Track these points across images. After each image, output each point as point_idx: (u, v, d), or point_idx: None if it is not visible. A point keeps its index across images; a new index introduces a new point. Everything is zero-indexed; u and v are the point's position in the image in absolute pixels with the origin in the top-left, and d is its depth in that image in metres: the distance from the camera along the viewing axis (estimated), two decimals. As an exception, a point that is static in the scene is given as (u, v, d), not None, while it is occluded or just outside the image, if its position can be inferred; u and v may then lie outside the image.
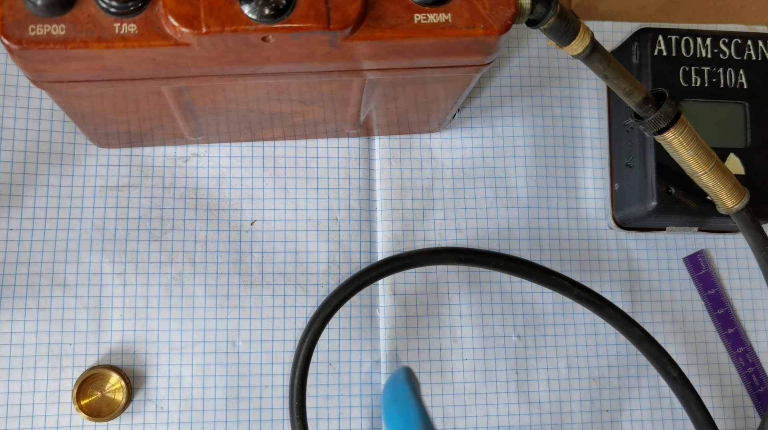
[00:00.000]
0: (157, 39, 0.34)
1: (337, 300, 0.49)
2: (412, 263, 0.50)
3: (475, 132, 0.55)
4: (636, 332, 0.50)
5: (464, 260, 0.50)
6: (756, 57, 0.51)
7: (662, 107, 0.42)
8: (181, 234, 0.51)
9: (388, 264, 0.50)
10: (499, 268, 0.51)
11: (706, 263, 0.54)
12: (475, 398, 0.51)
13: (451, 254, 0.50)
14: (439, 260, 0.50)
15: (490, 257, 0.50)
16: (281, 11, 0.34)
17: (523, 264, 0.50)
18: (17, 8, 0.34)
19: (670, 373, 0.49)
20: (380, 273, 0.50)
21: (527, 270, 0.50)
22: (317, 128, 0.51)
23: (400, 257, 0.50)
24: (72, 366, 0.48)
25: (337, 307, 0.49)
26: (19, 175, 0.50)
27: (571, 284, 0.50)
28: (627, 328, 0.50)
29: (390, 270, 0.50)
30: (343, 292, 0.49)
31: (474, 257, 0.50)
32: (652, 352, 0.49)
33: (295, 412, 0.47)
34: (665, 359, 0.49)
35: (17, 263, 0.49)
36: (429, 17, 0.36)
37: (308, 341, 0.48)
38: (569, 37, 0.39)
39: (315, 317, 0.48)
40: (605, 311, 0.50)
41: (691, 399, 0.49)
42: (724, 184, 0.45)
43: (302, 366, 0.48)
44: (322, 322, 0.48)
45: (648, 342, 0.50)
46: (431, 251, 0.50)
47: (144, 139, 0.50)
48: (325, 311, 0.48)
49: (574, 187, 0.55)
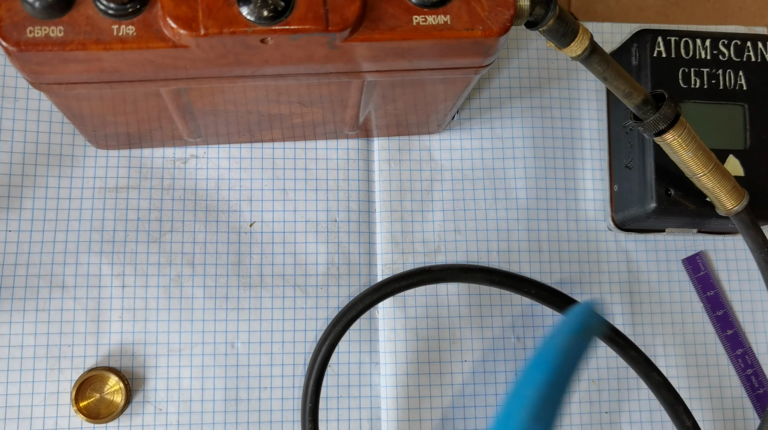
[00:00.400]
0: (155, 41, 0.34)
1: (363, 305, 0.48)
2: (442, 277, 0.49)
3: (475, 133, 0.55)
4: (655, 378, 0.49)
5: (496, 283, 0.50)
6: (755, 58, 0.51)
7: (661, 109, 0.42)
8: (180, 235, 0.51)
9: (418, 275, 0.49)
10: (531, 295, 0.50)
11: (705, 264, 0.54)
12: (475, 399, 0.51)
13: (483, 274, 0.50)
14: (471, 279, 0.50)
15: (522, 282, 0.50)
16: (280, 13, 0.34)
17: (555, 295, 0.50)
18: (15, 10, 0.34)
19: (684, 422, 0.48)
20: (410, 283, 0.49)
21: (558, 301, 0.50)
22: (316, 130, 0.51)
23: (431, 270, 0.49)
24: (71, 368, 0.48)
25: (363, 311, 0.48)
26: (18, 176, 0.50)
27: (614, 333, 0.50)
28: (646, 372, 0.50)
29: (419, 282, 0.49)
30: (370, 297, 0.48)
31: (506, 280, 0.50)
32: (669, 400, 0.49)
33: (307, 414, 0.47)
34: (680, 408, 0.49)
35: (16, 265, 0.49)
36: (428, 19, 0.36)
37: (327, 345, 0.48)
38: (568, 38, 0.39)
39: (338, 320, 0.48)
40: (628, 353, 0.50)
41: None
42: (723, 185, 0.45)
43: (319, 368, 0.47)
44: (345, 325, 0.48)
45: (665, 389, 0.49)
46: (464, 269, 0.50)
47: (143, 140, 0.50)
48: (350, 314, 0.48)
49: (574, 189, 0.55)
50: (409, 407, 0.50)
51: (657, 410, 0.52)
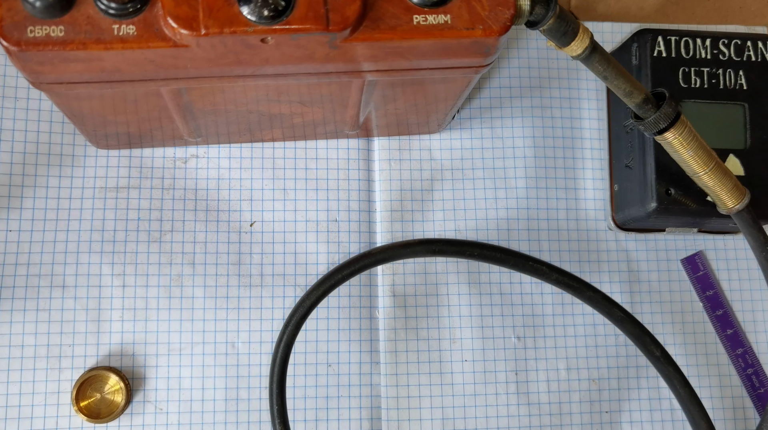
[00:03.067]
0: (155, 40, 0.34)
1: (311, 302, 0.47)
2: (384, 258, 0.48)
3: (475, 133, 0.55)
4: (617, 313, 0.49)
5: (438, 252, 0.49)
6: (755, 58, 0.51)
7: (662, 108, 0.42)
8: (181, 235, 0.51)
9: (360, 261, 0.48)
10: (474, 256, 0.49)
11: (705, 264, 0.54)
12: (475, 399, 0.51)
13: (424, 246, 0.49)
14: (412, 253, 0.49)
15: (464, 246, 0.49)
16: (280, 12, 0.34)
17: (499, 251, 0.49)
18: (16, 10, 0.34)
19: (653, 352, 0.49)
20: (352, 271, 0.48)
21: (503, 257, 0.49)
22: (317, 129, 0.51)
23: (371, 253, 0.49)
24: (71, 367, 0.48)
25: (311, 309, 0.47)
26: (18, 176, 0.50)
27: (549, 269, 0.49)
28: (608, 309, 0.49)
29: (362, 267, 0.48)
30: (315, 292, 0.47)
31: (447, 248, 0.49)
32: (634, 332, 0.49)
33: (276, 417, 0.46)
34: (647, 339, 0.49)
35: (16, 264, 0.49)
36: (428, 18, 0.36)
37: (284, 345, 0.46)
38: (568, 38, 0.39)
39: (289, 320, 0.47)
40: (585, 293, 0.49)
41: (675, 377, 0.48)
42: (724, 184, 0.45)
43: (279, 370, 0.46)
44: (297, 324, 0.47)
45: (629, 322, 0.49)
46: (404, 245, 0.49)
47: (143, 140, 0.50)
48: (299, 312, 0.47)
49: (574, 188, 0.55)
50: (409, 407, 0.50)
51: (657, 410, 0.52)
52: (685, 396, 0.48)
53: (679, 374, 0.48)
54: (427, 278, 0.52)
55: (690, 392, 0.48)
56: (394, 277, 0.52)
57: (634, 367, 0.53)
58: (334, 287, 0.48)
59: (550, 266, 0.50)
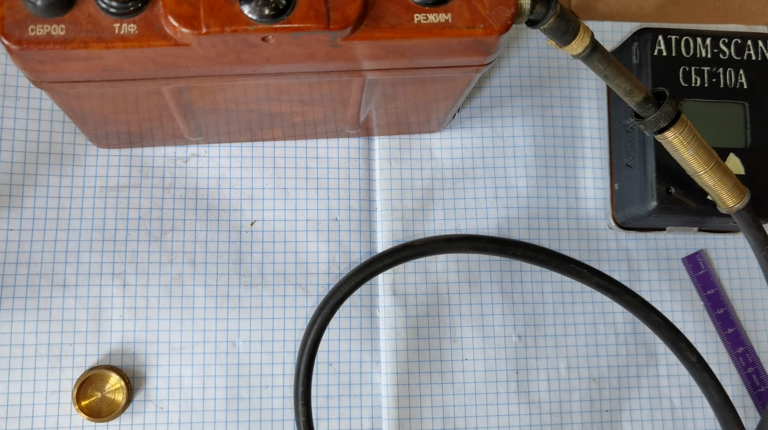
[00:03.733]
0: (156, 39, 0.34)
1: (349, 286, 0.47)
2: (425, 251, 0.48)
3: (475, 132, 0.55)
4: (654, 318, 0.50)
5: (480, 249, 0.49)
6: (756, 57, 0.51)
7: (663, 106, 0.42)
8: (181, 234, 0.51)
9: (401, 251, 0.48)
10: (516, 256, 0.49)
11: (705, 263, 0.54)
12: (475, 398, 0.51)
13: (467, 243, 0.49)
14: (455, 249, 0.48)
15: (507, 244, 0.49)
16: (281, 11, 0.34)
17: (542, 252, 0.50)
18: (17, 8, 0.34)
19: (689, 358, 0.49)
20: (393, 260, 0.48)
21: (545, 258, 0.50)
22: (317, 128, 0.51)
23: (413, 245, 0.48)
24: (72, 366, 0.48)
25: (349, 293, 0.47)
26: (19, 175, 0.50)
27: (590, 272, 0.50)
28: (645, 314, 0.50)
29: (403, 258, 0.48)
30: (354, 278, 0.47)
31: (490, 246, 0.49)
32: (671, 337, 0.49)
33: (300, 397, 0.46)
34: (684, 344, 0.49)
35: (17, 264, 0.49)
36: (429, 17, 0.36)
37: (317, 327, 0.46)
38: (569, 37, 0.39)
39: (325, 302, 0.47)
40: (624, 298, 0.50)
41: (710, 384, 0.49)
42: (725, 183, 0.45)
43: (309, 352, 0.46)
44: (333, 307, 0.47)
45: (666, 328, 0.49)
46: (447, 239, 0.49)
47: (144, 139, 0.50)
48: (337, 296, 0.47)
49: (574, 187, 0.55)
50: (410, 407, 0.50)
51: (658, 409, 0.52)
52: (719, 402, 0.48)
53: (715, 380, 0.49)
54: (428, 278, 0.52)
55: (725, 399, 0.48)
56: (395, 276, 0.52)
57: (635, 366, 0.53)
58: (374, 274, 0.48)
59: (591, 269, 0.50)
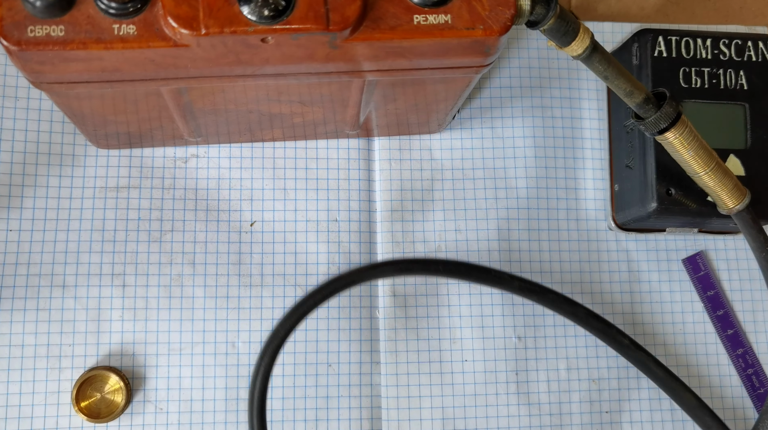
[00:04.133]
0: (156, 40, 0.34)
1: (284, 330, 0.44)
2: (353, 280, 0.46)
3: (475, 133, 0.55)
4: (580, 312, 0.48)
5: (405, 270, 0.47)
6: (756, 58, 0.51)
7: (663, 107, 0.42)
8: (181, 235, 0.51)
9: (330, 286, 0.46)
10: (439, 272, 0.47)
11: (705, 264, 0.54)
12: (475, 399, 0.51)
13: (391, 266, 0.47)
14: (381, 274, 0.47)
15: (429, 263, 0.47)
16: (280, 12, 0.34)
17: (461, 265, 0.47)
18: (16, 9, 0.34)
19: (621, 342, 0.48)
20: (323, 296, 0.45)
21: (466, 271, 0.47)
22: (317, 129, 0.51)
23: (342, 277, 0.46)
24: (71, 367, 0.48)
25: (285, 338, 0.45)
26: (18, 176, 0.50)
27: (510, 277, 0.48)
28: (572, 310, 0.48)
29: (333, 291, 0.46)
30: (288, 322, 0.45)
31: (414, 266, 0.47)
32: (599, 327, 0.48)
33: None
34: (613, 331, 0.48)
35: (17, 264, 0.49)
36: (428, 18, 0.36)
37: (261, 378, 0.44)
38: (569, 38, 0.39)
39: (264, 352, 0.44)
40: (546, 296, 0.48)
41: (649, 360, 0.48)
42: (725, 184, 0.45)
43: (259, 404, 0.43)
44: (272, 355, 0.44)
45: (593, 318, 0.48)
46: (372, 267, 0.47)
47: (143, 140, 0.50)
48: (273, 343, 0.44)
49: (574, 188, 0.55)
50: (410, 407, 0.50)
51: (657, 410, 0.52)
52: (662, 376, 0.48)
53: (651, 356, 0.48)
54: (427, 278, 0.52)
55: (666, 371, 0.48)
56: (394, 277, 0.52)
57: (635, 367, 0.52)
58: (306, 313, 0.45)
59: (512, 275, 0.48)
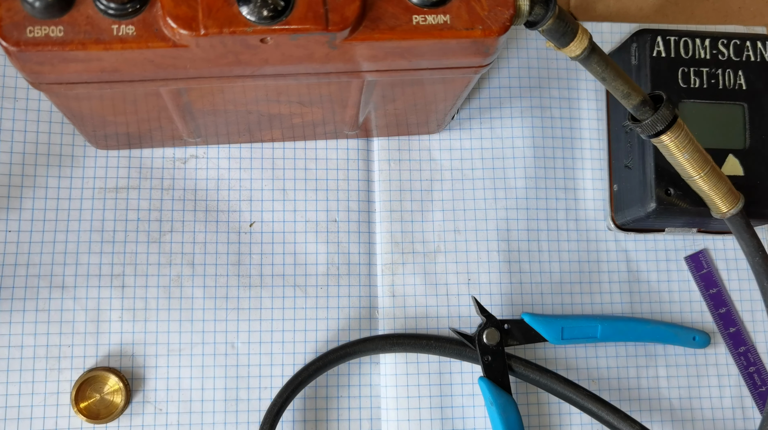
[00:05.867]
0: (155, 41, 0.34)
1: (281, 400, 0.47)
2: (354, 352, 0.49)
3: (474, 133, 0.55)
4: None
5: (397, 345, 0.49)
6: (755, 58, 0.51)
7: (659, 110, 0.42)
8: (180, 236, 0.51)
9: (327, 356, 0.48)
10: (435, 350, 0.50)
11: (708, 262, 0.54)
12: (474, 399, 0.51)
13: (385, 341, 0.49)
14: (377, 349, 0.49)
15: (420, 338, 0.49)
16: (279, 12, 0.34)
17: (399, 337, 0.50)
18: (15, 10, 0.34)
19: None
20: (319, 367, 0.48)
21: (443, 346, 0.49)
22: (316, 130, 0.51)
23: (341, 348, 0.49)
24: (70, 368, 0.48)
25: (283, 407, 0.47)
26: (17, 176, 0.50)
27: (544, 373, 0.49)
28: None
29: (329, 362, 0.48)
30: (285, 391, 0.47)
31: (405, 341, 0.49)
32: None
33: None
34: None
35: (16, 265, 0.49)
36: (427, 18, 0.36)
37: None
38: (567, 38, 0.39)
39: (264, 422, 0.46)
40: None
41: None
42: (719, 188, 0.45)
43: None
44: (271, 424, 0.46)
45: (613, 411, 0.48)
46: (365, 340, 0.49)
47: (143, 140, 0.50)
48: (268, 420, 0.46)
49: (573, 189, 0.55)
50: (409, 407, 0.50)
51: (657, 410, 0.52)
52: None
53: None
54: (427, 279, 0.52)
55: None
56: (394, 277, 0.52)
57: (634, 367, 0.53)
58: (304, 383, 0.48)
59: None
